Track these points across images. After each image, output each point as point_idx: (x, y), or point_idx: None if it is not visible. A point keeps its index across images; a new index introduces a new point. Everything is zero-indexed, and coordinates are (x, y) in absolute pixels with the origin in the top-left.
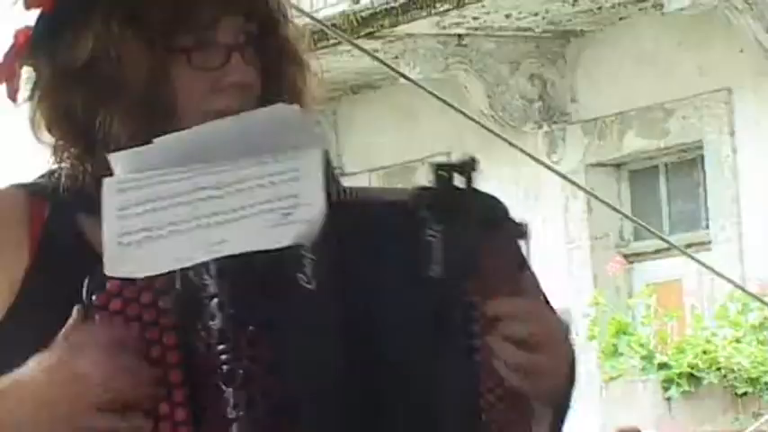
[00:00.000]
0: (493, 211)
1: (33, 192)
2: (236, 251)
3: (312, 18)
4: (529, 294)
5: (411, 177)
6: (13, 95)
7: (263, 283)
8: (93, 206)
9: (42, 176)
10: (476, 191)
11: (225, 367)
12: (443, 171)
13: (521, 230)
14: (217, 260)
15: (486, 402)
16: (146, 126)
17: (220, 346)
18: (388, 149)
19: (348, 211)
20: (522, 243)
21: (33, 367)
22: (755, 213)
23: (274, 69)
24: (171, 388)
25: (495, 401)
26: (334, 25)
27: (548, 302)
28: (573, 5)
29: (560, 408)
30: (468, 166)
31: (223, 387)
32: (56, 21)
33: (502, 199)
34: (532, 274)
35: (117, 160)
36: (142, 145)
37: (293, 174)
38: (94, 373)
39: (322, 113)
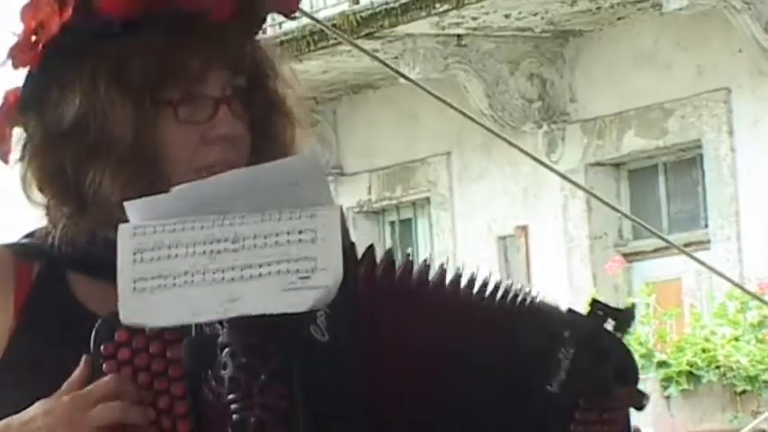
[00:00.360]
0: (626, 369)
1: (19, 252)
2: (251, 312)
3: (312, 18)
4: None
5: (410, 178)
6: (4, 157)
7: (275, 334)
8: (85, 265)
9: (28, 236)
10: (621, 342)
11: (236, 416)
12: (600, 310)
13: (639, 399)
14: None
15: None
16: (135, 181)
17: (231, 395)
18: (388, 149)
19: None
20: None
21: (36, 407)
22: (754, 212)
23: (263, 123)
24: (174, 423)
25: None
26: (334, 25)
27: None
28: (572, 5)
29: None
30: (625, 317)
31: None
32: (43, 79)
33: (501, 198)
34: None
35: (132, 207)
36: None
37: (311, 234)
38: (100, 409)
39: (322, 113)
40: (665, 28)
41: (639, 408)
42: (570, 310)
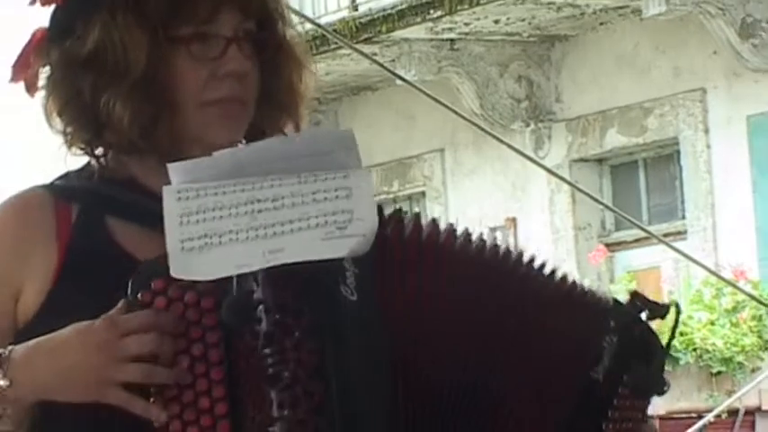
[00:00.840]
0: (659, 360)
1: (58, 193)
2: (293, 260)
3: (314, 23)
4: None
5: (407, 173)
6: (30, 90)
7: (308, 292)
8: (120, 209)
9: (61, 178)
10: (656, 336)
11: (270, 370)
12: (640, 303)
13: (663, 388)
14: (264, 268)
15: None
16: (146, 108)
17: (265, 350)
18: (386, 147)
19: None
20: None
21: (69, 330)
22: (728, 205)
23: (272, 65)
24: (211, 384)
25: None
26: (335, 30)
27: None
28: (557, 12)
29: None
30: (661, 311)
31: (267, 388)
32: (67, 14)
33: (491, 192)
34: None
35: (174, 169)
36: (144, 127)
37: (346, 191)
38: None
39: (324, 113)
40: (645, 32)
41: (661, 393)
42: (614, 300)
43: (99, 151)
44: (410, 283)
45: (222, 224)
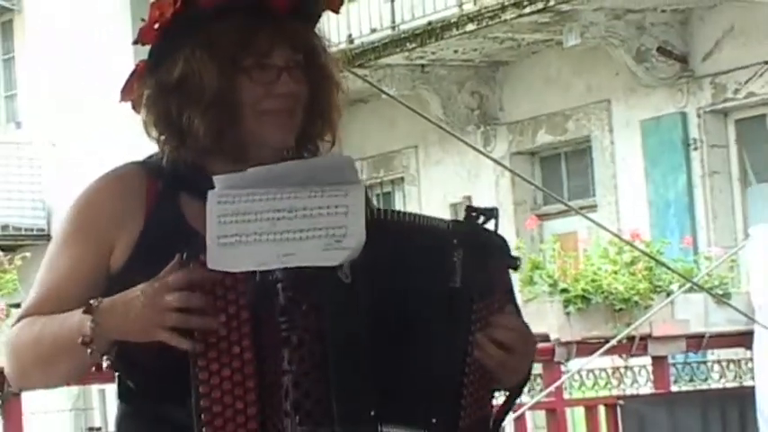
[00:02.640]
0: (500, 247)
1: (149, 169)
2: (300, 264)
3: None
4: (513, 312)
5: (390, 164)
6: (136, 108)
7: (314, 276)
8: (191, 189)
9: (151, 156)
10: (492, 231)
11: (284, 334)
12: (473, 212)
13: (515, 263)
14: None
15: (467, 378)
16: (217, 122)
17: (281, 318)
18: (375, 144)
19: (383, 229)
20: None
21: (137, 287)
22: (627, 186)
23: (316, 85)
24: (241, 336)
25: (473, 379)
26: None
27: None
28: (501, 44)
29: (515, 393)
30: (491, 213)
31: (281, 347)
32: (160, 52)
33: (453, 177)
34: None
35: (218, 180)
36: (215, 135)
37: (344, 209)
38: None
39: None
40: (565, 59)
41: (516, 268)
42: (453, 221)
43: (182, 152)
44: (379, 258)
45: (250, 227)
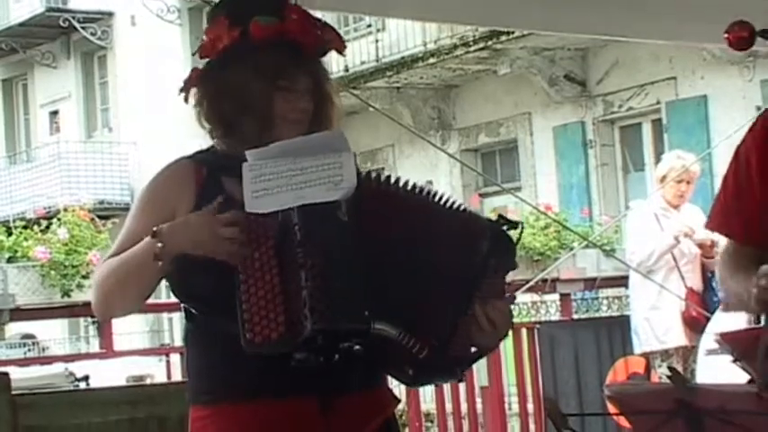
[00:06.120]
0: (512, 250)
1: (196, 160)
2: (310, 201)
3: None
4: (506, 300)
5: (373, 158)
6: (186, 99)
7: (321, 217)
8: (230, 171)
9: (199, 152)
10: (511, 238)
11: (301, 260)
12: (502, 219)
13: (515, 266)
14: (297, 206)
15: (459, 330)
16: (256, 123)
17: (299, 249)
18: (363, 144)
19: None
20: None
21: (183, 217)
22: (544, 174)
23: (321, 104)
24: (271, 263)
25: (463, 335)
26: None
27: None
28: (453, 72)
29: (481, 354)
30: (516, 225)
31: (299, 269)
32: (215, 65)
33: (419, 167)
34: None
35: (249, 154)
36: (253, 134)
37: (339, 164)
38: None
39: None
40: (499, 84)
41: (514, 269)
42: (488, 219)
43: (225, 141)
44: (374, 208)
45: (273, 183)
